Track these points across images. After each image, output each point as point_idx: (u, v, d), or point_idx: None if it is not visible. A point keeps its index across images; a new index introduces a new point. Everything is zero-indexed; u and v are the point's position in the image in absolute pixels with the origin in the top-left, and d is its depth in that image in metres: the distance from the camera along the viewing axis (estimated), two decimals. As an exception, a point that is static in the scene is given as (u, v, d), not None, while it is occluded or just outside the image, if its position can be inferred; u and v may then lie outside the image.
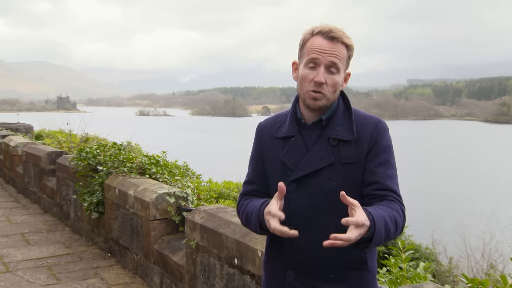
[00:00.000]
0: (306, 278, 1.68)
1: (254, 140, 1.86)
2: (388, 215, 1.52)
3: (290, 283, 1.70)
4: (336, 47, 1.61)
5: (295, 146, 1.69)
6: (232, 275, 3.01)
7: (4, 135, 10.19)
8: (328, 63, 1.60)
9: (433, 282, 2.58)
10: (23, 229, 5.99)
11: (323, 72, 1.60)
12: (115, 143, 5.83)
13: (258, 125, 1.87)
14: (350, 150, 1.64)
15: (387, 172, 1.64)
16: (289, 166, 1.68)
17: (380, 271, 3.11)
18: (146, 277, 4.28)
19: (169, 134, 72.40)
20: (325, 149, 1.65)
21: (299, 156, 1.67)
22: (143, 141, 8.70)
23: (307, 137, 1.70)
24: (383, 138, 1.66)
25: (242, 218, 1.80)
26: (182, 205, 4.14)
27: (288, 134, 1.72)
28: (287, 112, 1.81)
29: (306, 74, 1.63)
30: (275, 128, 1.77)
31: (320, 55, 1.60)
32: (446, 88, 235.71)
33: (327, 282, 1.66)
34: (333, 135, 1.66)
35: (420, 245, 7.15)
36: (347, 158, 1.64)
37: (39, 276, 4.36)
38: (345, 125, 1.67)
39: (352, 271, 1.67)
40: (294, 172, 1.66)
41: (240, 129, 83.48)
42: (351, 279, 1.67)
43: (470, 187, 33.67)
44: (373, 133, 1.66)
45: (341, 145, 1.65)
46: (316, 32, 1.63)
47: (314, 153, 1.66)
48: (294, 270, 1.69)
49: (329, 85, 1.62)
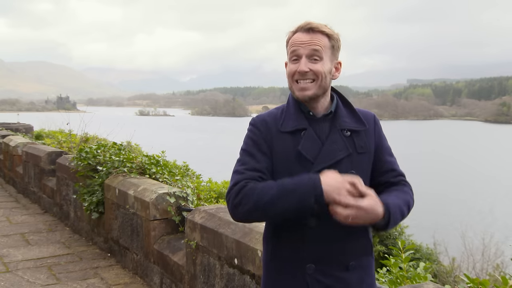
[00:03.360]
0: (327, 269, 1.67)
1: (253, 132, 1.74)
2: (403, 200, 1.68)
3: (311, 275, 1.67)
4: (315, 37, 1.66)
5: (310, 138, 1.69)
6: (232, 275, 3.01)
7: (4, 135, 10.19)
8: (309, 52, 1.65)
9: (433, 282, 2.58)
10: (23, 229, 5.99)
11: (305, 62, 1.65)
12: (115, 143, 5.83)
13: (256, 119, 1.78)
14: (363, 140, 1.73)
15: (394, 159, 1.81)
16: (308, 158, 1.66)
17: (380, 271, 3.11)
18: (146, 277, 4.28)
19: (169, 134, 72.40)
20: (341, 140, 1.69)
21: (316, 148, 1.68)
22: (143, 141, 8.71)
23: (318, 129, 1.71)
24: (381, 130, 1.82)
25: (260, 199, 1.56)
26: (182, 205, 4.14)
27: (299, 127, 1.70)
28: (282, 108, 1.79)
29: (291, 68, 1.69)
30: (279, 123, 1.73)
31: (299, 47, 1.66)
32: (446, 88, 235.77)
33: (347, 270, 1.68)
34: (345, 126, 1.71)
35: (420, 245, 7.16)
36: (361, 148, 1.72)
37: (39, 276, 4.36)
38: (351, 117, 1.75)
39: (365, 257, 1.73)
40: (315, 164, 1.65)
41: (240, 129, 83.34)
42: (364, 266, 1.73)
43: (470, 187, 33.67)
44: (375, 126, 1.80)
45: (354, 135, 1.72)
46: (296, 29, 1.70)
47: (330, 145, 1.68)
48: (314, 262, 1.67)
49: (314, 71, 1.65)
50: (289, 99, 1.80)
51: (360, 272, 1.71)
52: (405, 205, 1.68)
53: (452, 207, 26.23)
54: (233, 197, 1.62)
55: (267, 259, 1.79)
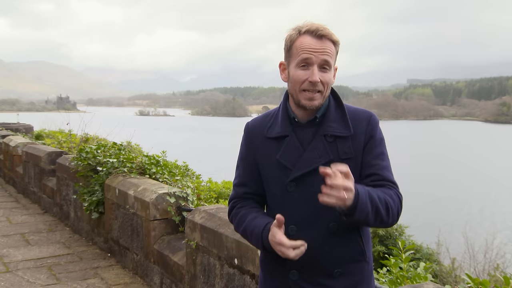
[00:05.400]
0: (310, 276, 1.67)
1: (243, 140, 1.83)
2: (376, 194, 1.55)
3: (295, 282, 1.68)
4: (325, 45, 1.60)
5: (291, 146, 1.68)
6: (232, 275, 3.00)
7: (4, 135, 10.19)
8: (321, 62, 1.60)
9: (433, 282, 2.58)
10: (23, 229, 5.99)
11: (317, 71, 1.60)
12: (115, 143, 5.83)
13: (247, 125, 1.83)
14: (348, 145, 1.65)
15: (383, 163, 1.68)
16: (286, 165, 1.66)
17: (380, 271, 3.10)
18: (146, 277, 4.27)
19: (169, 134, 72.39)
20: (322, 146, 1.65)
21: (296, 155, 1.66)
22: (143, 140, 8.70)
23: (302, 135, 1.69)
24: (376, 132, 1.70)
25: (237, 228, 1.81)
26: (182, 205, 4.14)
27: (282, 133, 1.70)
28: (275, 111, 1.78)
29: (299, 74, 1.62)
30: (266, 128, 1.75)
31: (312, 55, 1.59)
32: (446, 88, 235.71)
33: (332, 278, 1.66)
34: (329, 132, 1.66)
35: (421, 246, 7.15)
36: (345, 154, 1.65)
37: (39, 276, 4.35)
38: (339, 121, 1.68)
39: (354, 264, 1.68)
40: (293, 171, 1.65)
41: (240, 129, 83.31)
42: (354, 272, 1.68)
43: (470, 187, 33.66)
44: (368, 127, 1.68)
45: (338, 141, 1.66)
46: (303, 31, 1.62)
47: (311, 151, 1.65)
48: (297, 269, 1.67)
49: (324, 82, 1.62)
50: (281, 102, 1.77)
51: (348, 279, 1.67)
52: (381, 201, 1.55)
53: (452, 207, 26.22)
54: (228, 213, 1.87)
55: (261, 258, 1.85)
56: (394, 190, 1.65)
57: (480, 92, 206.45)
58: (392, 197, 1.61)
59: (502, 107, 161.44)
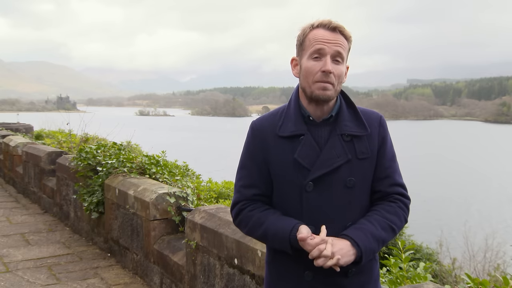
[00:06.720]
0: (325, 277, 1.64)
1: (249, 140, 1.76)
2: (380, 225, 1.61)
3: (309, 283, 1.66)
4: (338, 37, 1.61)
5: (307, 145, 1.64)
6: (232, 275, 3.00)
7: (4, 135, 10.19)
8: (334, 53, 1.59)
9: (433, 282, 2.58)
10: (23, 229, 5.99)
11: (330, 62, 1.59)
12: (115, 143, 5.83)
13: (254, 124, 1.76)
14: (365, 145, 1.66)
15: (395, 166, 1.72)
16: (304, 165, 1.62)
17: (380, 271, 3.10)
18: (146, 277, 4.28)
19: (169, 134, 72.40)
20: (340, 146, 1.63)
21: (313, 155, 1.63)
22: (142, 140, 8.70)
23: (317, 134, 1.66)
24: (387, 133, 1.72)
25: (252, 231, 1.71)
26: (182, 205, 4.14)
27: (297, 132, 1.65)
28: (283, 108, 1.74)
29: (312, 65, 1.60)
30: (278, 127, 1.69)
31: (325, 45, 1.59)
32: (446, 88, 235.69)
33: (346, 277, 1.65)
34: (346, 131, 1.64)
35: (420, 246, 7.15)
36: (362, 154, 1.65)
37: (39, 276, 4.35)
38: (354, 120, 1.67)
39: (367, 263, 1.67)
40: (311, 171, 1.61)
41: (240, 129, 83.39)
42: (365, 271, 1.69)
43: (470, 187, 33.66)
44: (380, 128, 1.70)
45: (355, 140, 1.65)
46: (316, 25, 1.63)
47: (329, 151, 1.62)
48: (312, 270, 1.63)
49: (336, 75, 1.60)
50: (291, 100, 1.73)
51: (360, 278, 1.67)
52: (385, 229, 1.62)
53: (452, 207, 26.22)
54: (233, 217, 1.77)
55: (268, 260, 1.80)
56: (400, 201, 1.68)
57: (480, 92, 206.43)
58: (397, 213, 1.66)
59: (502, 107, 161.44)
